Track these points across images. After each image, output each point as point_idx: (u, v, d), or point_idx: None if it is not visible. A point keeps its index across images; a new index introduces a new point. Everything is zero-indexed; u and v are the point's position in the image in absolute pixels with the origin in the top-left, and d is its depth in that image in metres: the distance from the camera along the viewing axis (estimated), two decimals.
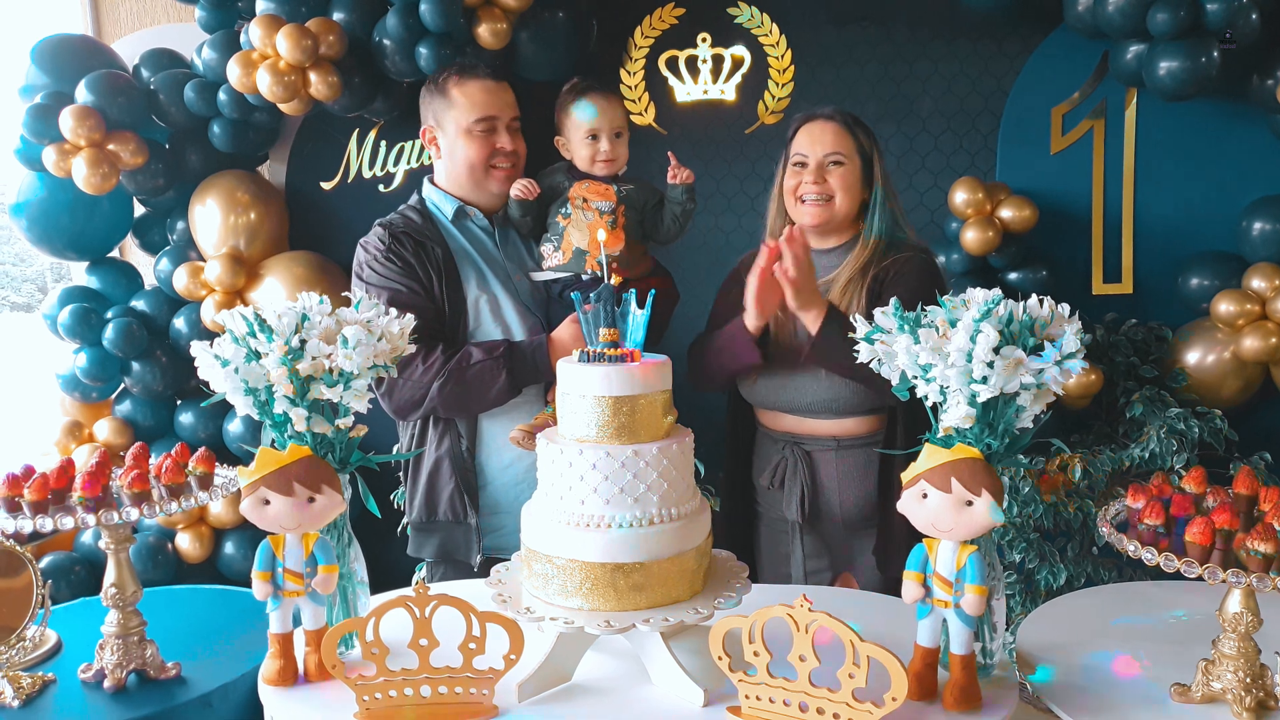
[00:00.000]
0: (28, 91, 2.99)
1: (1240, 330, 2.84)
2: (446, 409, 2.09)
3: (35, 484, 1.53)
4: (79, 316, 3.05)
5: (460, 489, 2.13)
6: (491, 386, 2.04)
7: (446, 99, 2.17)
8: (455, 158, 2.18)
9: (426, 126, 2.23)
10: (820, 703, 1.28)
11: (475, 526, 2.14)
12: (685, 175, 2.17)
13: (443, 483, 2.15)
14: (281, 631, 1.47)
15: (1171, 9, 2.57)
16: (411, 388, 2.04)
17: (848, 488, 2.11)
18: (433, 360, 2.03)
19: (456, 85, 2.17)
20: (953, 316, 1.38)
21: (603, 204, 2.12)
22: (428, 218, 2.20)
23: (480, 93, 2.17)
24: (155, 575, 3.03)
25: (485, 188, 2.19)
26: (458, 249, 2.18)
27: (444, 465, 2.14)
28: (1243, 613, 1.35)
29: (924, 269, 2.10)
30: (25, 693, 1.57)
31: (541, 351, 2.05)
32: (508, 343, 2.08)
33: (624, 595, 1.41)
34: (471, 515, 2.14)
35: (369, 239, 2.16)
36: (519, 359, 2.05)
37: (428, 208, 2.23)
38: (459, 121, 2.16)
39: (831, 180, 2.12)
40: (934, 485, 1.32)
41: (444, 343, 2.07)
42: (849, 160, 2.12)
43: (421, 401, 2.06)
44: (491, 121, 2.17)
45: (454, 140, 2.18)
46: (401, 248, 2.11)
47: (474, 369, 2.03)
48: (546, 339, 2.07)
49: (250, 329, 1.45)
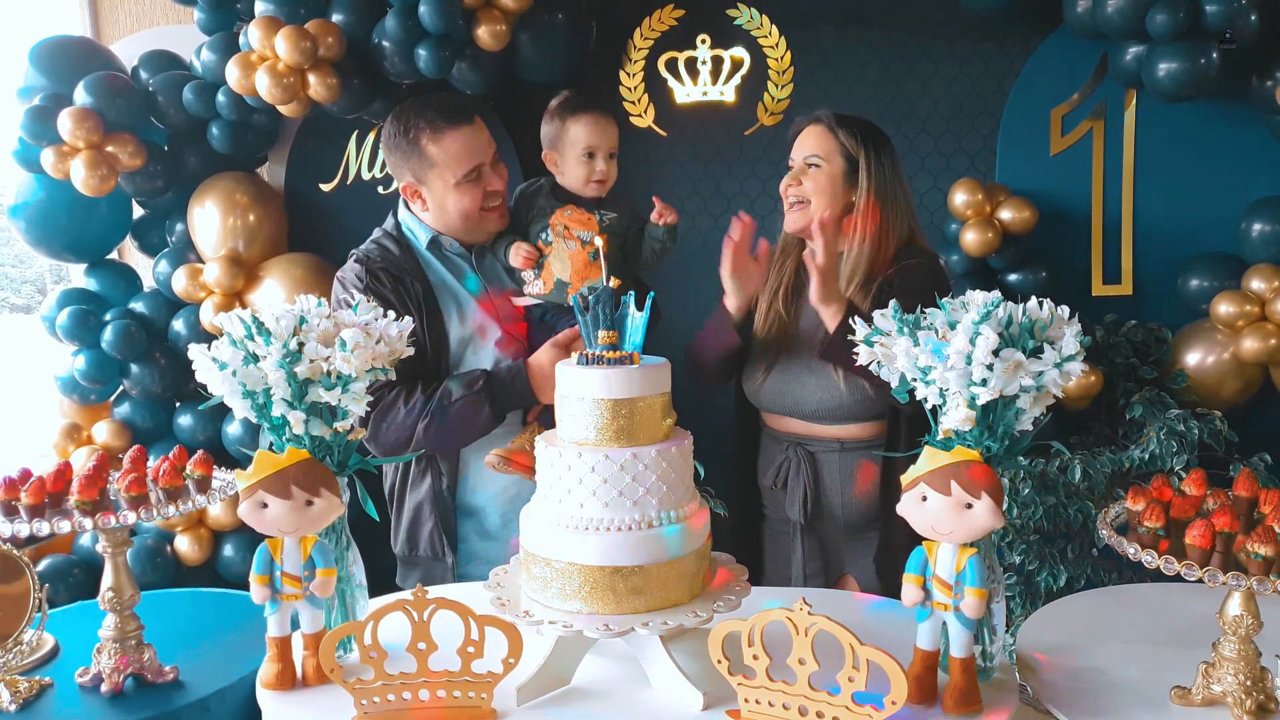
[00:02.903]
0: (26, 93, 2.99)
1: (1240, 331, 2.84)
2: (434, 448, 2.05)
3: (32, 487, 1.53)
4: (78, 318, 3.04)
5: (439, 528, 2.12)
6: (476, 420, 2.00)
7: (423, 157, 2.07)
8: (447, 210, 2.10)
9: (406, 184, 2.11)
10: (820, 706, 1.27)
11: (451, 566, 2.14)
12: (670, 218, 2.11)
13: (423, 519, 2.14)
14: (279, 635, 1.46)
15: (1171, 10, 2.57)
16: (396, 430, 2.00)
17: (850, 489, 2.11)
18: (414, 402, 1.99)
19: (432, 141, 2.05)
20: (952, 319, 1.38)
21: (584, 234, 2.06)
22: (405, 247, 2.12)
23: (458, 144, 2.05)
24: (153, 578, 3.03)
25: (481, 228, 2.14)
26: (437, 281, 2.12)
27: (424, 502, 2.13)
28: (1243, 615, 1.35)
29: (930, 276, 2.06)
30: (22, 697, 1.56)
31: (521, 377, 2.01)
32: (485, 373, 2.03)
33: (623, 598, 1.40)
34: (449, 555, 2.13)
35: (346, 274, 2.09)
36: (499, 388, 2.01)
37: (404, 234, 2.15)
38: (445, 179, 2.07)
39: (806, 183, 2.08)
40: (933, 488, 1.31)
41: (426, 380, 2.03)
42: (827, 162, 2.07)
43: (408, 443, 2.00)
44: (478, 169, 2.08)
45: (443, 196, 2.09)
46: (379, 285, 2.05)
47: (456, 405, 1.98)
48: (525, 364, 2.02)
49: (248, 332, 1.45)
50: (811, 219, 2.08)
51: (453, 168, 2.06)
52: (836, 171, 2.08)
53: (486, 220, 2.13)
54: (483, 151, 2.10)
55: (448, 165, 2.06)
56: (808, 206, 2.09)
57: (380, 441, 2.03)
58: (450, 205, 2.10)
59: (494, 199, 2.12)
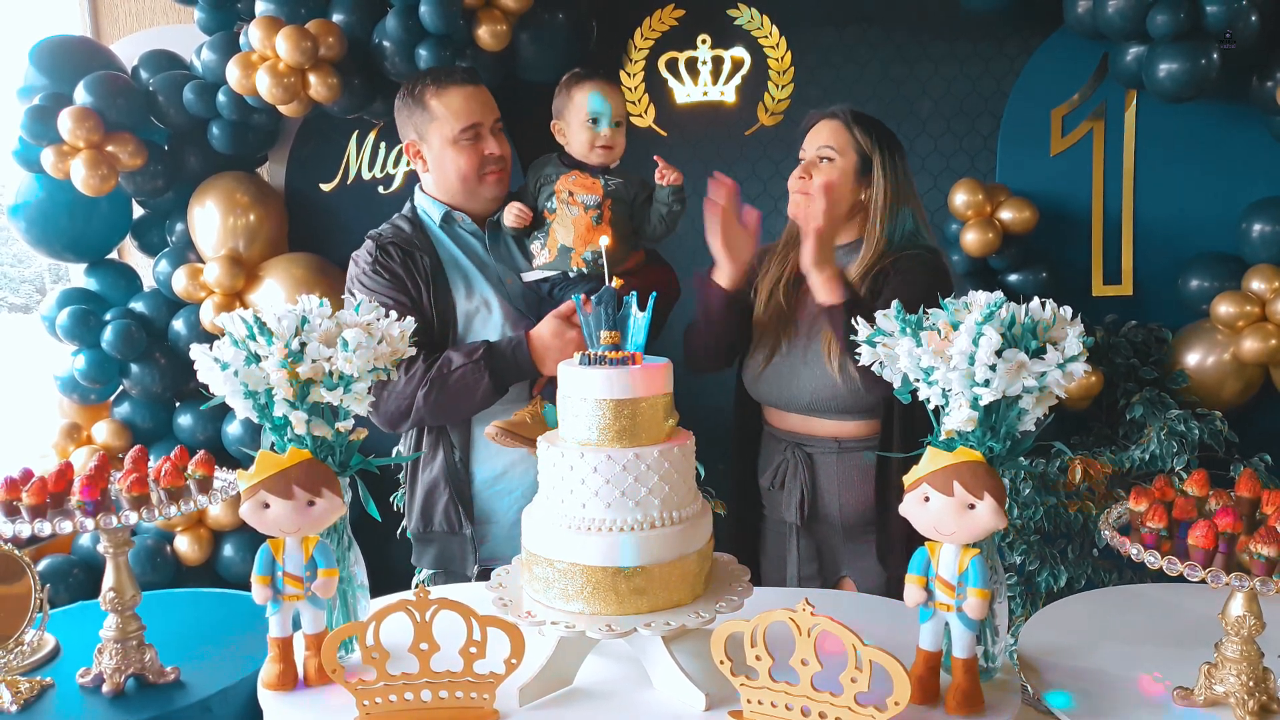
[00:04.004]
0: (26, 93, 2.99)
1: (1240, 332, 2.84)
2: (434, 417, 2.06)
3: (33, 488, 1.52)
4: (78, 318, 3.04)
5: (454, 500, 2.12)
6: (476, 390, 2.00)
7: (426, 111, 2.11)
8: (444, 169, 2.14)
9: (409, 141, 2.16)
10: (823, 707, 1.27)
11: (470, 537, 2.13)
12: (673, 177, 2.13)
13: (438, 493, 2.14)
14: (281, 635, 1.46)
15: (1171, 11, 2.57)
16: (396, 399, 2.02)
17: (847, 491, 2.11)
18: (414, 370, 2.00)
19: (435, 96, 2.10)
20: (955, 319, 1.38)
21: (588, 198, 2.08)
22: (418, 225, 2.17)
23: (460, 100, 2.10)
24: (154, 578, 3.03)
25: (478, 194, 2.16)
26: (446, 256, 2.15)
27: (439, 476, 2.13)
28: (1245, 616, 1.35)
29: (927, 266, 2.05)
30: (23, 697, 1.56)
31: (521, 349, 2.01)
32: (486, 344, 2.03)
33: (625, 599, 1.40)
34: (466, 526, 2.13)
35: (359, 253, 2.14)
36: (499, 359, 2.01)
37: (418, 215, 2.20)
38: (443, 133, 2.10)
39: (816, 175, 2.08)
40: (936, 489, 1.31)
41: (432, 352, 2.03)
42: (841, 155, 2.07)
43: (409, 412, 2.02)
44: (476, 129, 2.11)
45: (440, 152, 2.12)
46: (389, 259, 2.08)
47: (455, 374, 1.99)
48: (525, 336, 2.03)
49: (250, 332, 1.44)
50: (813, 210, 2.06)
51: (451, 122, 2.10)
52: (849, 166, 2.08)
53: (485, 184, 2.15)
54: (483, 113, 2.13)
55: (447, 119, 2.10)
56: (811, 198, 2.08)
57: (381, 411, 2.04)
58: (448, 164, 2.12)
59: (492, 163, 2.14)
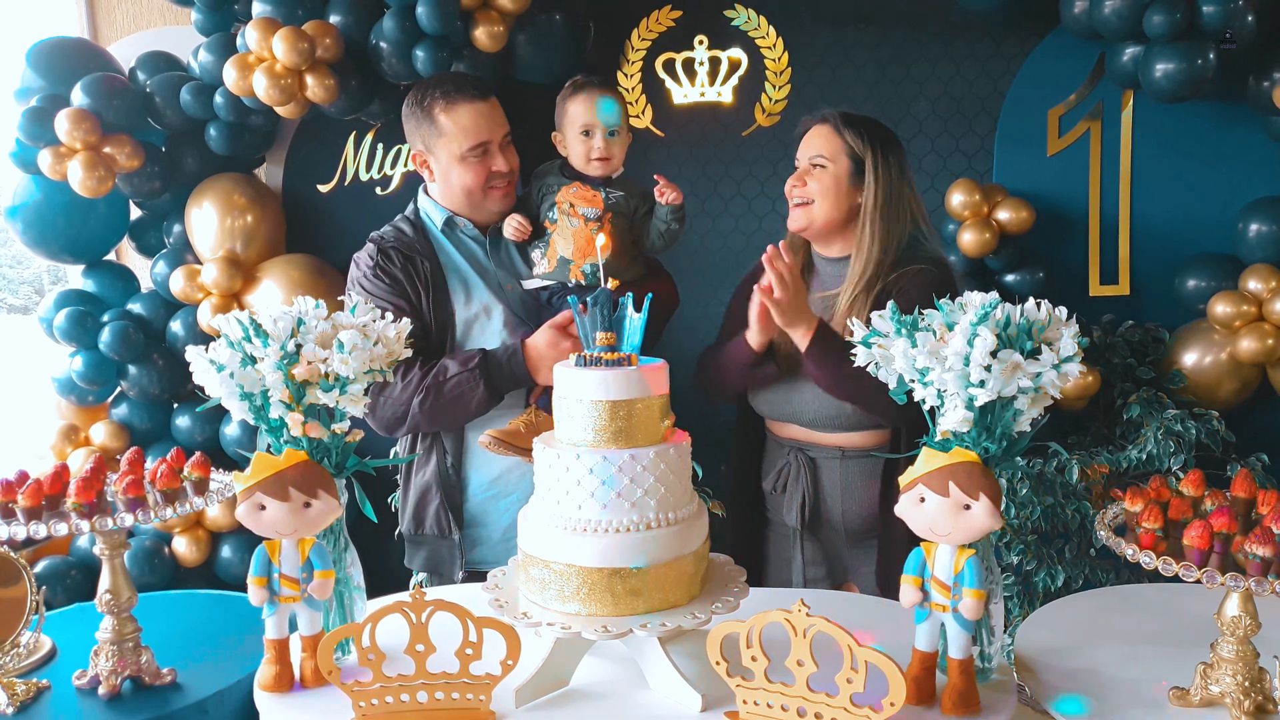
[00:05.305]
0: (23, 94, 2.99)
1: (1237, 331, 2.84)
2: (430, 424, 2.06)
3: (29, 490, 1.52)
4: (75, 319, 3.04)
5: (445, 505, 2.13)
6: (471, 399, 2.00)
7: (434, 126, 2.10)
8: (450, 183, 2.13)
9: (416, 151, 2.16)
10: (818, 708, 1.27)
11: (458, 543, 2.14)
12: (673, 197, 2.11)
13: (429, 497, 2.14)
14: (277, 637, 1.46)
15: (1168, 11, 2.57)
16: (393, 405, 2.02)
17: (850, 496, 2.10)
18: (410, 377, 2.00)
19: (444, 111, 2.08)
20: (950, 320, 1.38)
21: (589, 210, 2.08)
22: (420, 229, 2.16)
23: (470, 117, 2.08)
24: (151, 579, 3.02)
25: (483, 208, 2.16)
26: (447, 261, 2.15)
27: (431, 480, 2.14)
28: (1241, 616, 1.35)
29: (932, 284, 1.96)
30: (19, 699, 1.56)
31: (517, 358, 2.01)
32: (482, 352, 2.03)
33: (621, 600, 1.40)
34: (455, 531, 2.13)
35: (361, 255, 2.14)
36: (495, 368, 2.01)
37: (421, 217, 2.19)
38: (451, 150, 2.09)
39: (811, 183, 2.06)
40: (932, 489, 1.32)
41: (429, 357, 2.04)
42: (832, 162, 2.05)
43: (405, 418, 2.03)
44: (485, 146, 2.10)
45: (447, 167, 2.11)
46: (390, 263, 2.08)
47: (450, 382, 1.99)
48: (521, 345, 2.02)
49: (246, 334, 1.44)
50: (814, 219, 2.08)
51: (460, 140, 2.09)
52: (842, 172, 2.05)
53: (490, 199, 2.15)
54: (492, 130, 2.12)
55: (455, 137, 2.09)
56: (811, 207, 2.07)
57: (378, 416, 2.05)
58: (454, 178, 2.12)
59: (498, 179, 2.14)
